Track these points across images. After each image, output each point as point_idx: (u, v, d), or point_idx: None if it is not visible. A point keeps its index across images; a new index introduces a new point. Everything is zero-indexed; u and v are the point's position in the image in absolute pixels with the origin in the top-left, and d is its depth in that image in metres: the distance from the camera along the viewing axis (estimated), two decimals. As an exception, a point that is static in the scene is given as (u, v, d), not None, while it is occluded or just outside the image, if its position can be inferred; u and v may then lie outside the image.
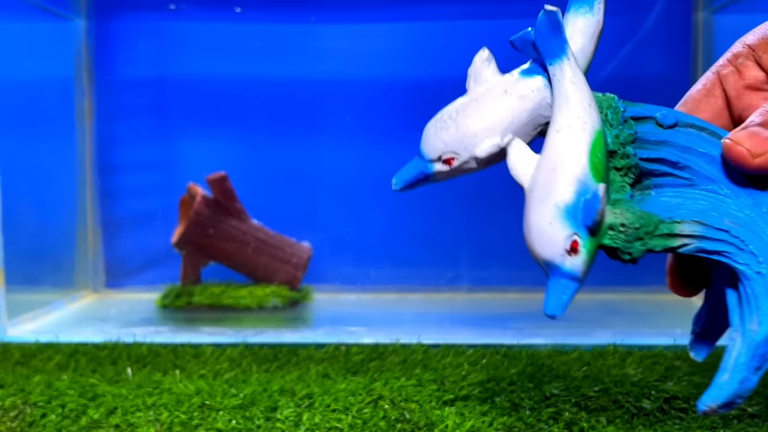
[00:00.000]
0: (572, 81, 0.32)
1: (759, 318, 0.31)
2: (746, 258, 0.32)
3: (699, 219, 0.32)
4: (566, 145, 0.31)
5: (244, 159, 1.10)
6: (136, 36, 1.09)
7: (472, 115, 0.34)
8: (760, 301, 0.31)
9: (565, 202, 0.31)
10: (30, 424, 0.58)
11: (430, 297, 1.07)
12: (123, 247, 1.12)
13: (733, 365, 0.33)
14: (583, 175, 0.31)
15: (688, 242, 0.32)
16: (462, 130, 0.34)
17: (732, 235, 0.32)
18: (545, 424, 0.56)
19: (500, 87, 0.34)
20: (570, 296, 0.32)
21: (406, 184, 0.37)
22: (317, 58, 1.09)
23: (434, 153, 0.35)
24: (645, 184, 0.33)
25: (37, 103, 1.01)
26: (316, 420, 0.57)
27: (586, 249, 0.31)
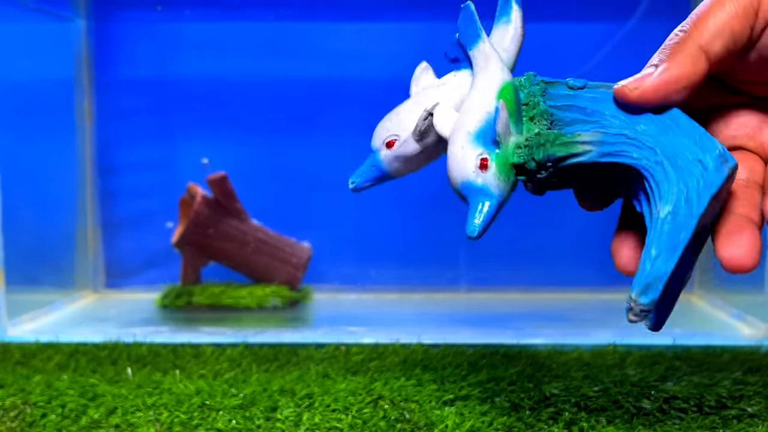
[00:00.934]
0: (486, 54, 0.38)
1: (664, 200, 0.34)
2: (645, 153, 0.34)
3: (599, 129, 0.35)
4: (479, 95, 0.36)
5: (243, 159, 1.10)
6: (137, 36, 1.09)
7: (411, 106, 0.40)
8: (661, 187, 0.34)
9: (475, 127, 0.35)
10: (30, 424, 0.58)
11: (430, 297, 1.07)
12: (123, 247, 1.12)
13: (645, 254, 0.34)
14: (492, 107, 0.35)
15: (590, 148, 0.35)
16: (401, 117, 0.39)
17: (629, 137, 0.34)
18: (545, 424, 0.56)
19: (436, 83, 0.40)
20: (488, 214, 0.35)
21: (363, 181, 0.43)
22: (317, 58, 1.09)
23: (379, 140, 0.40)
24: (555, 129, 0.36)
25: (37, 104, 1.01)
26: (316, 420, 0.57)
27: (495, 163, 0.35)
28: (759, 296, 0.81)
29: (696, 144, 0.34)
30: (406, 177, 1.21)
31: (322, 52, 1.09)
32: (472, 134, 0.35)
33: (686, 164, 0.33)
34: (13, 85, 0.94)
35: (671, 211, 0.33)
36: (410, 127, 0.39)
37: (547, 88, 0.37)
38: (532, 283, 1.07)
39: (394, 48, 1.07)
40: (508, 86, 0.36)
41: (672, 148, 0.34)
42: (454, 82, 0.39)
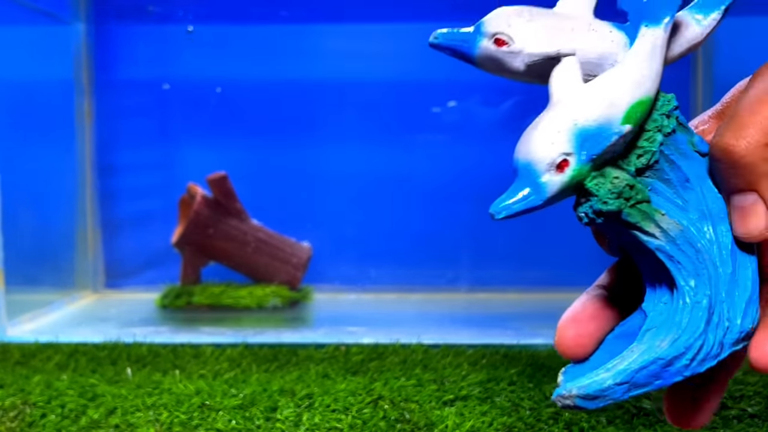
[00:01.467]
0: (656, 47, 0.30)
1: (673, 339, 0.31)
2: (698, 283, 0.31)
3: (680, 222, 0.31)
4: (618, 87, 0.30)
5: (243, 159, 1.10)
6: (135, 39, 1.09)
7: (551, 22, 0.31)
8: (684, 326, 0.31)
9: (584, 124, 0.29)
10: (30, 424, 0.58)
11: (430, 297, 1.07)
12: (123, 247, 1.12)
13: (619, 368, 0.31)
14: (616, 118, 0.29)
15: (658, 236, 0.31)
16: (532, 25, 0.31)
17: (698, 258, 0.31)
18: (545, 424, 0.56)
19: (588, 20, 0.32)
20: (524, 207, 0.30)
21: (446, 42, 0.34)
22: (317, 59, 1.09)
23: (493, 28, 0.32)
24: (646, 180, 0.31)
25: (37, 105, 1.01)
26: (316, 420, 0.57)
27: (570, 174, 0.30)
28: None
29: (743, 302, 0.31)
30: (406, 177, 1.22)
31: (322, 53, 1.09)
32: (577, 128, 0.29)
33: (719, 321, 0.31)
34: (13, 86, 0.94)
35: (670, 357, 0.31)
36: (531, 45, 0.31)
37: (677, 129, 0.32)
38: (532, 283, 1.07)
39: (394, 49, 1.07)
40: (644, 102, 0.30)
41: (726, 291, 0.31)
42: (605, 32, 0.32)
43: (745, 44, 0.96)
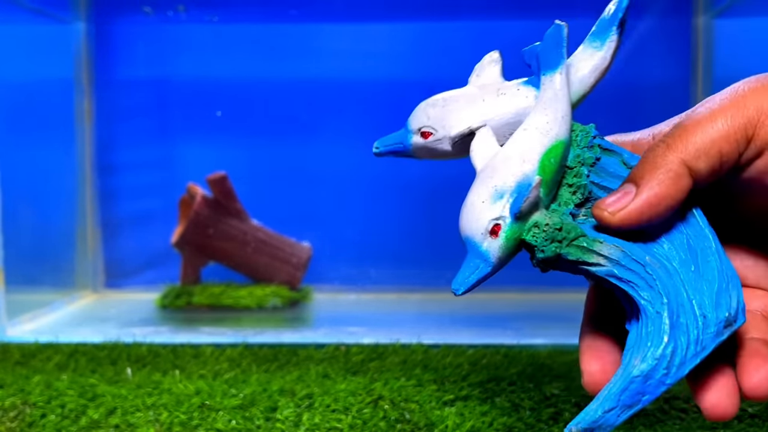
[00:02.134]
0: (556, 92, 0.33)
1: (643, 355, 0.32)
2: (652, 295, 0.32)
3: (621, 246, 0.32)
4: (526, 142, 0.33)
5: (243, 159, 1.10)
6: (135, 38, 1.09)
7: (462, 102, 0.36)
8: (650, 339, 0.32)
9: (504, 187, 0.32)
10: (29, 424, 0.58)
11: (430, 297, 1.07)
12: (122, 247, 1.12)
13: (605, 395, 0.32)
14: (530, 171, 0.32)
15: (603, 263, 0.33)
16: (447, 111, 0.36)
17: (646, 271, 0.32)
18: (545, 424, 0.56)
19: (496, 87, 0.36)
20: (477, 278, 0.33)
21: (386, 149, 0.38)
22: (317, 58, 1.09)
23: (417, 125, 0.37)
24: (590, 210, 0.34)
25: (37, 105, 1.01)
26: (316, 420, 0.57)
27: (505, 235, 0.32)
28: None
29: (712, 293, 0.32)
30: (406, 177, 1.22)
31: (321, 53, 1.09)
32: (498, 192, 0.32)
33: (687, 321, 0.32)
34: (13, 86, 0.94)
35: (645, 372, 0.32)
36: (450, 129, 0.36)
37: (602, 156, 0.34)
38: (532, 283, 1.07)
39: (393, 49, 1.07)
40: (558, 146, 0.33)
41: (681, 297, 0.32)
42: (513, 93, 0.35)
43: (744, 44, 0.96)
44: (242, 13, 1.08)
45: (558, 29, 0.34)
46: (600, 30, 0.35)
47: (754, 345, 0.33)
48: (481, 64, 0.37)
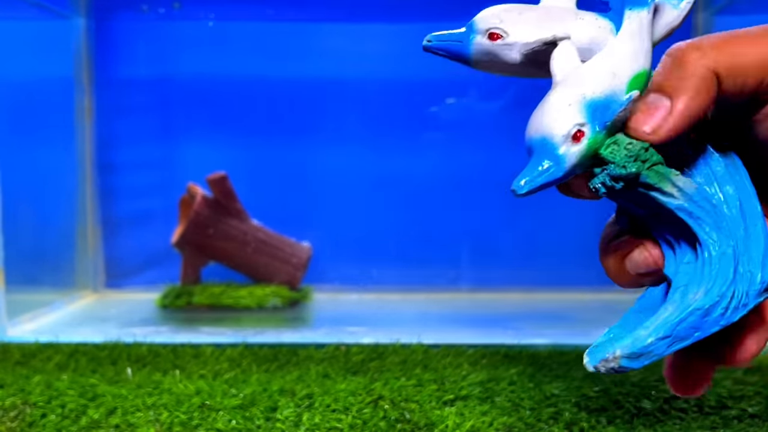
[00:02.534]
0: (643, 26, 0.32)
1: (707, 289, 0.32)
2: (720, 236, 0.32)
3: (698, 181, 0.33)
4: (617, 61, 0.31)
5: (244, 159, 1.10)
6: (136, 35, 1.09)
7: (540, 14, 0.33)
8: (714, 277, 0.32)
9: (594, 96, 0.31)
10: (30, 424, 0.58)
11: (430, 297, 1.07)
12: (123, 246, 1.12)
13: (658, 322, 0.32)
14: (620, 88, 0.31)
15: (677, 195, 0.32)
16: (522, 18, 0.33)
17: (716, 213, 0.33)
18: (545, 424, 0.56)
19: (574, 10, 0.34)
20: (546, 180, 0.31)
21: (439, 44, 0.36)
22: (317, 58, 1.09)
23: (486, 24, 0.34)
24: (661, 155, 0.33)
25: (37, 102, 1.01)
26: (316, 420, 0.57)
27: (588, 143, 0.31)
28: (759, 296, 0.81)
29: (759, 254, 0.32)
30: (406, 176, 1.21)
31: (322, 52, 1.09)
32: (587, 100, 0.31)
33: (743, 272, 0.32)
34: (13, 83, 0.94)
35: (706, 306, 0.32)
36: (526, 35, 0.33)
37: None
38: (532, 283, 1.07)
39: (393, 48, 1.07)
40: (642, 75, 0.32)
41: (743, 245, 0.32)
42: (591, 20, 0.33)
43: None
44: (243, 12, 1.08)
45: None
46: None
47: None
48: None
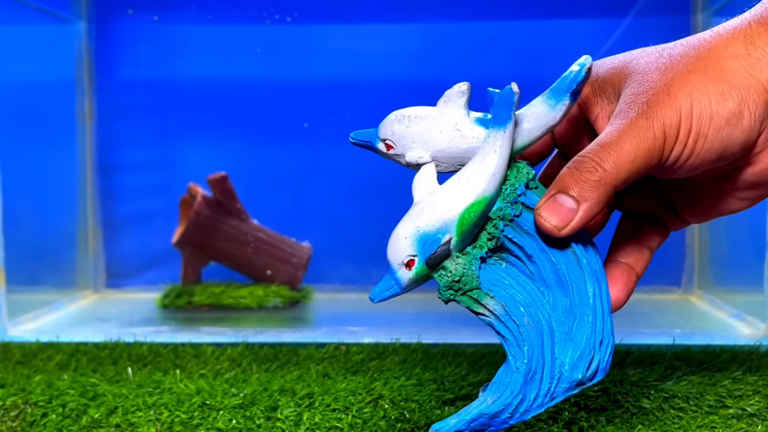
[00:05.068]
0: (495, 150, 0.37)
1: (496, 397, 0.39)
2: (517, 353, 0.39)
3: (505, 304, 0.39)
4: (457, 192, 0.37)
5: (244, 159, 1.10)
6: (136, 38, 1.09)
7: (423, 127, 0.39)
8: (506, 386, 0.39)
9: (425, 230, 0.37)
10: (31, 423, 0.58)
11: (430, 297, 1.06)
12: (123, 247, 1.12)
13: (462, 415, 0.39)
14: (450, 221, 0.37)
15: (487, 315, 0.39)
16: (409, 132, 0.40)
17: (519, 331, 0.39)
18: (545, 423, 0.56)
19: (455, 119, 0.39)
20: (389, 295, 0.40)
21: (357, 140, 0.43)
22: (317, 59, 1.09)
23: (383, 135, 0.41)
24: (502, 255, 0.39)
25: (38, 104, 1.01)
26: (317, 419, 0.57)
27: (416, 271, 0.38)
28: (758, 296, 0.81)
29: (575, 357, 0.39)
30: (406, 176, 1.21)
31: (322, 53, 1.09)
32: (420, 233, 0.38)
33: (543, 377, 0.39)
34: (15, 85, 0.95)
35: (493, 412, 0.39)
36: (406, 149, 0.40)
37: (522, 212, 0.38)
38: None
39: (393, 49, 1.07)
40: (481, 202, 0.37)
41: (544, 357, 0.39)
42: (466, 131, 0.39)
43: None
44: (242, 14, 1.08)
45: (510, 93, 0.37)
46: (558, 91, 0.38)
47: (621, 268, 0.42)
48: (450, 93, 0.40)
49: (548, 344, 0.39)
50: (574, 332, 0.39)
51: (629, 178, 0.36)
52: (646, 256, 0.42)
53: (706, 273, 1.02)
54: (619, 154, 0.35)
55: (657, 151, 0.35)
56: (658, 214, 0.42)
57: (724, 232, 0.97)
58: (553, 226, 0.36)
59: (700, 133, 0.35)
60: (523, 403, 0.39)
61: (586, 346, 0.39)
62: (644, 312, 0.95)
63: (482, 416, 0.39)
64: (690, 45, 0.37)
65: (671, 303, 1.00)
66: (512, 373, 0.39)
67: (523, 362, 0.38)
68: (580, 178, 0.36)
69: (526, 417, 0.39)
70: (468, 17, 1.06)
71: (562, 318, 0.39)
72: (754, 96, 0.35)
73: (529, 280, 0.39)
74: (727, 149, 0.35)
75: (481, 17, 1.06)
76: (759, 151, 0.36)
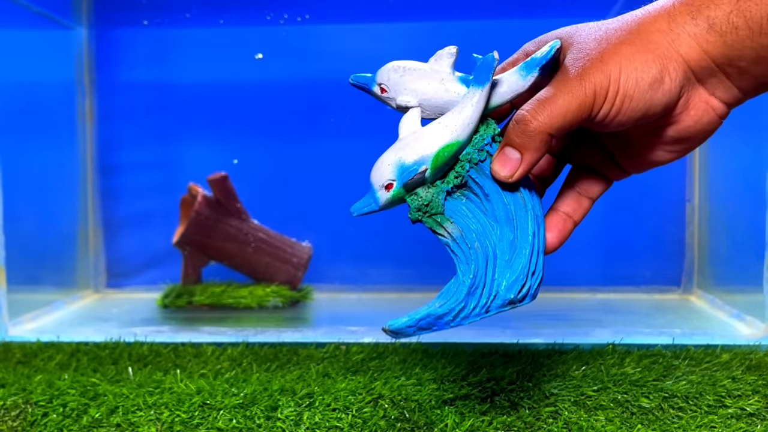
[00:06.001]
0: (472, 104, 0.45)
1: (443, 302, 0.47)
2: (465, 270, 0.46)
3: (462, 229, 0.46)
4: (436, 133, 0.45)
5: (244, 159, 1.10)
6: (136, 42, 1.10)
7: (415, 78, 0.47)
8: (452, 294, 0.47)
9: (405, 161, 0.45)
10: (31, 423, 0.58)
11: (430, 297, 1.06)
12: (124, 247, 1.12)
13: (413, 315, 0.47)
14: (427, 156, 0.45)
15: (445, 236, 0.47)
16: (402, 80, 0.47)
17: (470, 253, 0.46)
18: (544, 423, 0.56)
19: (442, 75, 0.46)
20: (368, 210, 0.47)
21: (357, 82, 0.50)
22: (317, 58, 1.09)
23: (379, 79, 0.48)
24: (464, 192, 0.46)
25: (40, 106, 1.01)
26: (317, 419, 0.57)
27: (393, 193, 0.46)
28: (757, 296, 0.81)
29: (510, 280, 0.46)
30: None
31: (322, 52, 1.09)
32: (400, 163, 0.45)
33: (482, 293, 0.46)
34: (17, 88, 0.95)
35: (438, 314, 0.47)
36: (397, 94, 0.47)
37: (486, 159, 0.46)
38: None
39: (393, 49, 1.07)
40: (453, 145, 0.45)
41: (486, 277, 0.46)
42: (450, 86, 0.46)
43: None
44: (241, 16, 1.09)
45: (492, 60, 0.44)
46: (530, 65, 0.45)
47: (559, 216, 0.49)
48: (441, 53, 0.47)
49: (491, 267, 0.46)
50: (513, 261, 0.46)
51: (562, 128, 0.42)
52: (585, 205, 0.49)
53: (706, 273, 1.02)
54: (553, 108, 0.42)
55: (587, 107, 0.41)
56: (602, 166, 0.48)
57: (724, 232, 0.97)
58: (504, 176, 0.44)
59: (626, 94, 0.41)
60: (464, 311, 0.46)
61: (521, 273, 0.46)
62: (644, 312, 0.95)
63: (429, 317, 0.47)
64: (624, 21, 0.43)
65: (671, 303, 1.00)
66: (459, 285, 0.46)
67: (469, 277, 0.46)
68: (518, 129, 0.43)
69: (464, 323, 0.47)
70: (468, 17, 1.06)
71: (506, 248, 0.46)
72: (674, 65, 0.41)
73: (482, 215, 0.46)
74: (650, 109, 0.41)
75: (481, 17, 1.06)
76: (680, 112, 0.43)
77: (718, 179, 1.00)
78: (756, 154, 0.83)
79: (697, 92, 0.42)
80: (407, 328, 0.47)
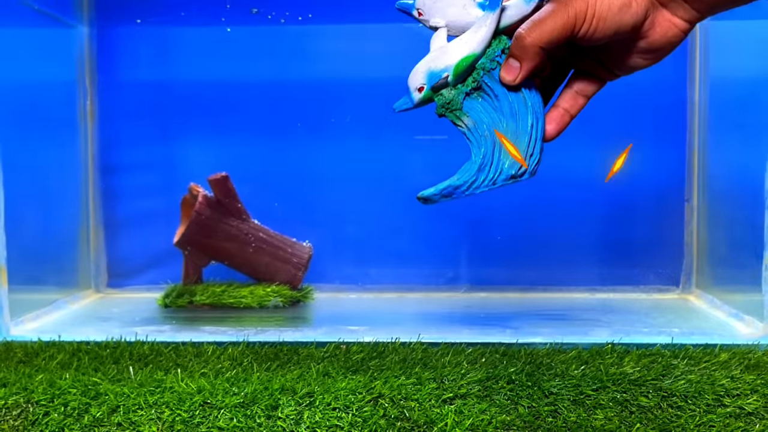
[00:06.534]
0: (486, 25, 0.55)
1: (460, 176, 0.57)
2: (477, 152, 0.57)
3: (476, 121, 0.57)
4: (457, 48, 0.56)
5: (244, 159, 1.10)
6: (137, 41, 1.10)
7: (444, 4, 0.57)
8: (467, 171, 0.57)
9: (433, 69, 0.56)
10: (33, 422, 0.59)
11: (429, 296, 1.07)
12: (125, 247, 1.12)
13: (439, 186, 0.57)
14: (450, 65, 0.56)
15: (463, 127, 0.57)
16: (435, 6, 0.57)
17: (481, 140, 0.57)
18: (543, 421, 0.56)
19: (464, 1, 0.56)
20: (405, 107, 0.57)
21: (400, 6, 0.58)
22: (318, 58, 1.09)
23: (419, 4, 0.57)
24: (480, 93, 0.57)
25: (41, 105, 1.01)
26: (317, 418, 0.57)
27: (424, 94, 0.56)
28: (756, 296, 0.81)
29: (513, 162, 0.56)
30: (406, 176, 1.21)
31: (322, 52, 1.09)
32: (430, 70, 0.56)
33: (490, 170, 0.57)
34: (18, 87, 0.95)
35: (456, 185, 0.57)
36: (430, 17, 0.57)
37: (497, 67, 0.56)
38: (531, 282, 1.08)
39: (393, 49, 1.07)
40: (470, 57, 0.56)
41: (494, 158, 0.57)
42: (471, 10, 0.56)
43: (738, 46, 0.96)
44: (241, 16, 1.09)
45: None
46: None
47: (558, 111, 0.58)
48: None
49: (497, 151, 0.57)
50: (515, 146, 0.56)
51: (550, 42, 0.52)
52: (581, 101, 0.59)
53: (705, 273, 1.02)
54: (543, 27, 0.52)
55: (569, 27, 0.52)
56: (595, 70, 0.58)
57: (723, 232, 0.97)
58: (508, 80, 0.55)
59: (601, 17, 0.52)
60: (475, 183, 0.57)
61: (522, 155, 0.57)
62: (643, 311, 0.95)
63: (450, 187, 0.57)
64: None
65: (670, 302, 1.01)
66: (472, 164, 0.57)
67: (479, 157, 0.57)
68: (517, 44, 0.54)
69: (476, 192, 0.57)
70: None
71: (510, 137, 0.56)
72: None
73: (493, 110, 0.57)
74: (620, 28, 0.52)
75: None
76: (648, 29, 0.53)
77: (717, 180, 1.00)
78: (755, 155, 0.83)
79: (660, 13, 0.53)
80: (433, 195, 0.57)
